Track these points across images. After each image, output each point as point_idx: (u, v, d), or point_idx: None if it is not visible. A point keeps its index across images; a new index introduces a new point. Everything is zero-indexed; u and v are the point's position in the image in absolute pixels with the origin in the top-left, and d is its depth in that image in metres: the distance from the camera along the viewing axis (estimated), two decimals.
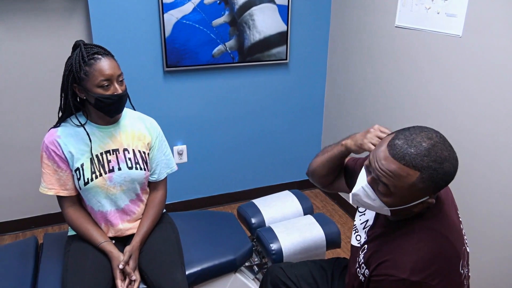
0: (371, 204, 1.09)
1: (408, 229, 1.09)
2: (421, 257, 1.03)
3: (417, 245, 1.05)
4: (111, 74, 1.44)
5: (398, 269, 1.03)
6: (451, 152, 1.02)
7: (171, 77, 2.60)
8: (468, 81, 1.89)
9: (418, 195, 1.03)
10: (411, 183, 1.00)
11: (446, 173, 1.01)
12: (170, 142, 2.63)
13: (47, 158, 1.52)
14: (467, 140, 1.92)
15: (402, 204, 1.05)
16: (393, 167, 1.00)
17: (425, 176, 0.99)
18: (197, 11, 2.48)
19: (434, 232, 1.08)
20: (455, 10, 1.88)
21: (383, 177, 1.03)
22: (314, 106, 3.05)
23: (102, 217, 1.60)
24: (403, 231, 1.09)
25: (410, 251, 1.05)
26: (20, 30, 2.33)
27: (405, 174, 1.00)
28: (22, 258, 1.67)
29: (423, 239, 1.06)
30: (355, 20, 2.62)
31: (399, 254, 1.06)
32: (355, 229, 1.32)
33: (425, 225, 1.08)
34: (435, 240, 1.07)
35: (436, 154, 0.99)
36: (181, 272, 1.55)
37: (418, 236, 1.06)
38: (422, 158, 0.99)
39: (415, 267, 1.02)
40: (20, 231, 2.68)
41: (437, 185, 1.02)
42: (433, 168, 0.99)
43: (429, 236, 1.07)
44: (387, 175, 1.02)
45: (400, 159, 1.00)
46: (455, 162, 1.02)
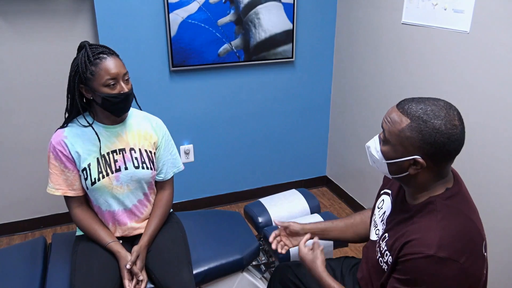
0: (376, 157, 1.16)
1: (430, 209, 1.10)
2: (447, 234, 1.04)
3: (441, 222, 1.06)
4: (117, 73, 1.45)
5: (424, 246, 1.03)
6: (451, 117, 1.04)
7: (177, 76, 2.60)
8: (476, 77, 1.87)
9: (407, 147, 1.06)
10: (401, 129, 1.06)
11: (435, 129, 1.03)
12: (176, 142, 2.63)
13: (54, 159, 1.52)
14: (476, 136, 1.90)
15: (394, 155, 1.10)
16: (392, 114, 1.10)
17: (413, 124, 1.05)
18: (203, 10, 2.48)
19: (456, 210, 1.08)
20: (462, 6, 1.86)
21: (384, 123, 1.12)
22: (321, 104, 3.04)
23: (110, 216, 1.60)
24: (425, 212, 1.10)
25: (435, 228, 1.05)
26: (27, 31, 2.35)
27: (399, 120, 1.07)
28: (31, 258, 1.69)
29: (446, 217, 1.07)
30: (361, 17, 2.60)
31: (425, 232, 1.06)
32: (375, 224, 1.33)
33: (447, 203, 1.09)
34: (458, 218, 1.07)
35: (432, 111, 1.05)
36: (188, 271, 1.56)
37: (441, 215, 1.07)
38: (417, 109, 1.06)
39: (441, 243, 1.02)
40: (29, 231, 2.71)
41: (425, 141, 1.04)
42: (422, 120, 1.04)
43: (452, 214, 1.08)
44: (386, 121, 1.11)
45: (400, 108, 1.09)
46: (451, 127, 1.03)
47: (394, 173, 1.14)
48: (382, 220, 1.29)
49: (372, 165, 1.22)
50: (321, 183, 3.28)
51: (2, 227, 2.65)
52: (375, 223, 1.33)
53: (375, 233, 1.30)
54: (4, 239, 2.65)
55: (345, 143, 2.96)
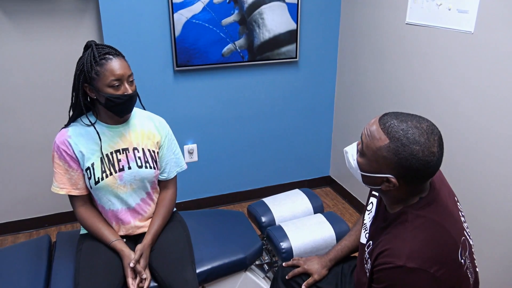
0: (352, 165, 1.17)
1: (402, 218, 1.10)
2: (417, 244, 1.04)
3: (412, 232, 1.06)
4: (122, 74, 1.46)
5: (395, 257, 1.04)
6: (430, 143, 1.02)
7: (181, 76, 2.61)
8: (480, 78, 1.86)
9: (382, 166, 1.06)
10: (379, 147, 1.05)
11: (412, 155, 1.01)
12: (180, 141, 2.65)
13: (59, 158, 1.54)
14: (479, 137, 1.90)
15: (369, 169, 1.10)
16: (373, 128, 1.08)
17: (391, 146, 1.03)
18: (207, 10, 2.49)
19: (428, 220, 1.08)
20: (466, 6, 1.86)
21: (363, 135, 1.11)
22: (324, 104, 3.04)
23: (113, 215, 1.61)
24: (398, 221, 1.11)
25: (405, 239, 1.05)
26: (33, 30, 2.36)
27: (378, 137, 1.05)
28: (35, 256, 1.70)
29: (417, 227, 1.07)
30: (365, 17, 2.60)
31: (396, 243, 1.07)
32: (365, 227, 1.33)
33: (419, 214, 1.09)
34: (429, 228, 1.07)
35: (413, 134, 1.02)
36: (191, 270, 1.56)
37: (412, 225, 1.07)
38: (398, 129, 1.03)
39: (411, 254, 1.02)
40: (34, 230, 2.72)
41: (400, 164, 1.03)
42: (401, 143, 1.02)
43: (423, 224, 1.07)
44: (366, 133, 1.09)
45: (381, 123, 1.07)
46: (428, 154, 1.01)
47: (368, 184, 1.15)
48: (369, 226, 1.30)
49: (350, 169, 1.22)
50: (325, 183, 3.28)
51: (7, 226, 2.67)
52: (365, 226, 1.33)
53: (365, 236, 1.31)
54: (9, 237, 2.66)
55: (348, 143, 2.93)
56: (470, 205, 1.95)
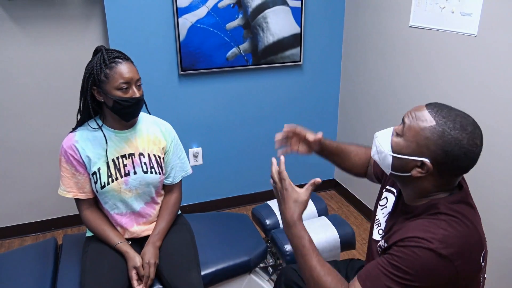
0: (382, 148, 1.13)
1: (434, 211, 1.06)
2: (449, 235, 1.00)
3: (447, 222, 1.03)
4: (131, 77, 1.48)
5: (427, 239, 1.00)
6: (475, 135, 1.03)
7: (186, 80, 2.63)
8: (484, 81, 1.86)
9: (422, 148, 1.04)
10: (423, 127, 1.04)
11: (457, 140, 1.01)
12: (185, 145, 2.65)
13: (66, 162, 1.56)
14: (484, 139, 1.89)
15: (404, 151, 1.07)
16: (420, 111, 1.07)
17: (438, 128, 1.02)
18: (211, 14, 2.51)
19: (462, 216, 1.05)
20: (470, 9, 1.86)
21: (406, 117, 1.09)
22: (329, 107, 3.05)
23: (118, 219, 1.63)
24: (430, 212, 1.07)
25: (438, 228, 1.02)
26: (39, 35, 2.39)
27: (423, 118, 1.05)
28: (42, 259, 1.72)
29: (452, 219, 1.04)
30: (369, 20, 2.61)
31: (427, 229, 1.03)
32: (377, 223, 1.31)
33: (452, 208, 1.06)
34: (463, 224, 1.04)
35: (461, 122, 1.03)
36: (196, 272, 1.57)
37: (446, 217, 1.04)
38: (446, 115, 1.04)
39: (443, 241, 0.99)
40: (40, 233, 2.75)
41: (442, 148, 1.02)
42: (448, 126, 1.02)
43: (458, 219, 1.04)
44: (410, 115, 1.08)
45: (429, 108, 1.07)
46: (472, 144, 1.02)
47: (396, 169, 1.11)
48: (386, 221, 1.27)
49: (373, 156, 1.19)
50: (330, 186, 3.28)
51: (15, 229, 2.69)
52: (378, 222, 1.31)
53: (378, 233, 1.29)
54: (16, 240, 2.69)
55: None
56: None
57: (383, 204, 1.32)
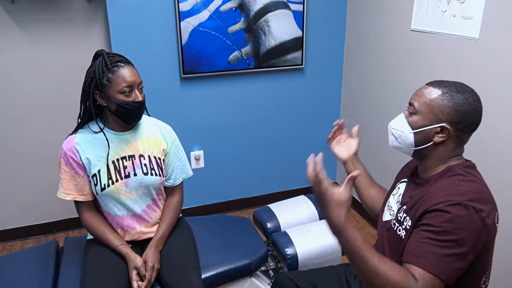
0: (400, 132, 1.23)
1: (450, 174, 1.16)
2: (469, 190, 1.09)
3: (463, 182, 1.11)
4: (133, 81, 1.49)
5: (451, 196, 1.07)
6: (474, 93, 1.16)
7: (188, 83, 2.63)
8: (486, 84, 1.86)
9: (438, 114, 1.15)
10: (433, 98, 1.17)
11: (465, 99, 1.14)
12: (187, 148, 2.66)
13: (65, 164, 1.56)
14: (484, 142, 1.89)
15: (423, 123, 1.18)
16: (424, 89, 1.21)
17: (445, 94, 1.15)
18: (213, 18, 2.52)
19: (476, 178, 1.15)
20: (471, 13, 1.86)
21: (413, 98, 1.22)
22: (330, 111, 3.05)
23: (119, 221, 1.63)
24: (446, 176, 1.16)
25: (457, 185, 1.11)
26: (43, 39, 2.41)
27: (430, 91, 1.18)
28: (43, 261, 1.72)
29: (468, 179, 1.13)
30: (370, 24, 2.61)
31: (448, 188, 1.11)
32: (389, 207, 1.35)
33: (467, 170, 1.16)
34: (478, 183, 1.14)
35: (461, 85, 1.17)
36: (197, 275, 1.57)
37: (462, 177, 1.13)
38: (447, 84, 1.18)
39: (466, 193, 1.07)
40: (42, 235, 2.75)
41: (455, 109, 1.13)
42: (454, 91, 1.15)
43: (472, 178, 1.14)
44: (417, 94, 1.21)
45: (431, 84, 1.21)
46: (476, 100, 1.15)
47: (419, 143, 1.20)
48: (397, 202, 1.31)
49: (392, 144, 1.28)
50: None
51: (16, 231, 2.70)
52: (389, 206, 1.35)
53: (389, 214, 1.32)
54: (18, 242, 2.69)
55: None
56: None
57: (395, 193, 1.37)
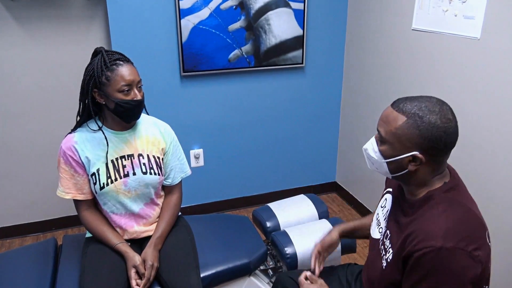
0: (375, 158, 1.18)
1: (430, 203, 1.11)
2: (450, 224, 1.04)
3: (443, 214, 1.07)
4: (132, 79, 1.48)
5: (430, 240, 1.03)
6: (444, 112, 1.08)
7: (187, 81, 2.63)
8: (487, 84, 1.86)
9: (406, 144, 1.09)
10: (398, 126, 1.09)
11: (431, 124, 1.06)
12: (186, 146, 2.66)
13: (65, 163, 1.55)
14: (486, 142, 1.89)
15: (393, 153, 1.12)
16: (387, 112, 1.13)
17: (410, 121, 1.08)
18: (214, 16, 2.51)
19: (456, 202, 1.10)
20: (473, 12, 1.86)
21: (379, 124, 1.15)
22: (331, 110, 3.04)
23: (118, 220, 1.62)
24: (426, 206, 1.11)
25: (437, 221, 1.06)
26: (42, 36, 2.40)
27: (394, 118, 1.11)
28: (42, 259, 1.71)
29: (447, 209, 1.08)
30: (371, 23, 2.60)
31: (428, 226, 1.07)
32: (378, 223, 1.33)
33: (446, 197, 1.11)
34: (459, 209, 1.09)
35: (427, 107, 1.08)
36: (196, 274, 1.57)
37: (442, 207, 1.08)
38: (412, 106, 1.09)
39: (446, 234, 1.02)
40: (41, 233, 2.75)
41: (423, 136, 1.06)
42: (418, 116, 1.07)
43: (452, 206, 1.09)
44: (382, 120, 1.14)
45: (395, 107, 1.12)
46: (446, 121, 1.07)
47: (394, 171, 1.15)
48: (385, 218, 1.29)
49: (371, 168, 1.24)
50: (331, 189, 3.27)
51: (15, 229, 2.70)
52: (378, 222, 1.33)
53: (379, 231, 1.31)
54: (16, 240, 2.69)
55: (355, 149, 2.96)
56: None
57: (383, 205, 1.35)
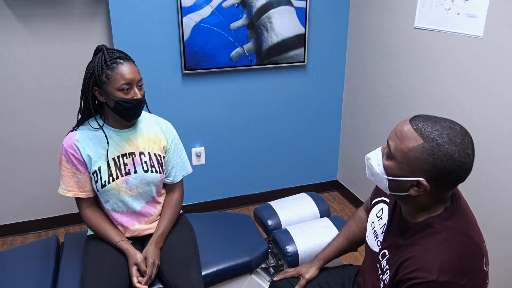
0: (376, 171, 1.11)
1: (429, 230, 1.06)
2: (447, 257, 1.01)
3: (442, 245, 1.03)
4: (132, 78, 1.48)
5: (426, 271, 1.01)
6: (465, 145, 1.00)
7: (189, 79, 2.63)
8: (489, 83, 1.85)
9: (414, 168, 1.02)
10: (411, 148, 1.01)
11: (448, 155, 0.98)
12: (188, 144, 2.66)
13: (66, 161, 1.56)
14: (488, 141, 1.88)
15: (398, 173, 1.05)
16: (404, 128, 1.04)
17: (426, 146, 1.00)
18: (215, 14, 2.51)
19: (456, 231, 1.05)
20: (475, 11, 1.85)
21: (391, 137, 1.06)
22: (332, 108, 3.04)
23: (119, 218, 1.63)
24: (425, 233, 1.07)
25: (435, 252, 1.02)
26: (44, 33, 2.40)
27: (410, 138, 1.02)
28: (43, 256, 1.72)
29: (446, 239, 1.04)
30: (373, 21, 2.60)
31: (425, 256, 1.04)
32: (375, 234, 1.30)
33: (446, 224, 1.06)
34: (458, 239, 1.04)
35: (448, 135, 1.00)
36: (197, 272, 1.57)
37: (441, 237, 1.04)
38: (433, 130, 1.00)
39: (442, 267, 1.00)
40: (43, 230, 2.75)
41: (435, 166, 1.00)
42: (437, 143, 0.99)
43: (452, 236, 1.04)
44: (395, 134, 1.05)
45: (414, 124, 1.03)
46: (464, 155, 0.99)
47: (394, 190, 1.10)
48: (383, 232, 1.26)
49: (369, 177, 1.18)
50: (332, 187, 3.27)
51: (17, 226, 2.70)
52: (375, 234, 1.29)
53: (377, 245, 1.27)
54: (18, 237, 2.70)
55: (356, 148, 2.95)
56: (476, 206, 1.93)
57: (380, 216, 1.31)
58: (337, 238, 1.56)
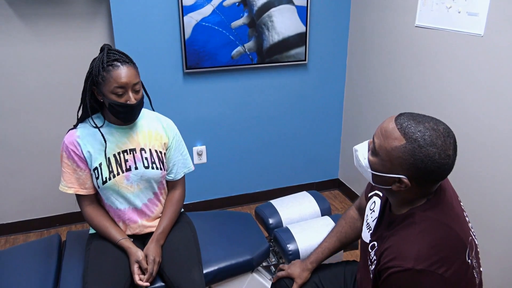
0: (361, 163, 1.16)
1: (409, 221, 1.10)
2: (424, 246, 1.03)
3: (419, 234, 1.06)
4: (126, 82, 1.47)
5: (402, 259, 1.03)
6: (446, 146, 1.02)
7: (190, 78, 2.63)
8: (490, 81, 1.85)
9: (395, 166, 1.05)
10: (394, 147, 1.04)
11: (428, 156, 1.01)
12: (189, 143, 2.66)
13: (67, 158, 1.56)
14: (488, 139, 1.88)
15: (381, 169, 1.09)
16: (389, 127, 1.07)
17: (408, 146, 1.02)
18: (216, 13, 2.51)
19: (435, 222, 1.08)
20: (476, 9, 1.85)
21: (377, 134, 1.10)
22: (333, 107, 3.04)
23: (120, 215, 1.63)
24: (405, 223, 1.11)
25: (413, 241, 1.05)
26: (46, 33, 2.40)
27: (393, 137, 1.05)
28: (46, 255, 1.73)
29: (425, 229, 1.07)
30: (374, 20, 2.60)
31: (403, 245, 1.06)
32: (368, 226, 1.32)
33: (426, 215, 1.09)
34: (437, 229, 1.07)
35: (430, 136, 1.02)
36: (198, 270, 1.57)
37: (419, 227, 1.07)
38: (415, 131, 1.03)
39: (418, 256, 1.02)
40: (45, 229, 2.76)
41: (415, 166, 1.03)
42: (418, 144, 1.02)
43: (430, 226, 1.07)
44: (380, 132, 1.09)
45: (398, 124, 1.06)
46: (444, 157, 1.01)
47: (377, 183, 1.15)
48: (375, 224, 1.29)
49: (356, 166, 1.22)
50: (334, 185, 3.27)
51: (19, 225, 2.71)
52: (368, 225, 1.32)
53: (369, 236, 1.30)
54: (20, 236, 2.71)
55: None
56: (475, 205, 1.94)
57: (372, 208, 1.34)
58: (329, 239, 1.56)
